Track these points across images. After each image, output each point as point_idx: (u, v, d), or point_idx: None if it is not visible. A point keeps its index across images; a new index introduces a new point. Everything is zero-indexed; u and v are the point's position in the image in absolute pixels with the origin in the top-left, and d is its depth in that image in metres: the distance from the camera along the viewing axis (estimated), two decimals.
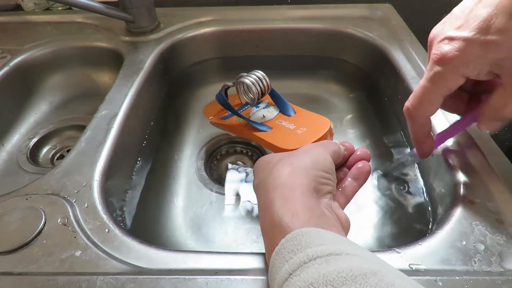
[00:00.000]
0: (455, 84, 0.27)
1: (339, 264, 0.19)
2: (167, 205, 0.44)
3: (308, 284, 0.18)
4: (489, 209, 0.29)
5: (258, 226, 0.42)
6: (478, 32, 0.25)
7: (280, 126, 0.42)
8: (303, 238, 0.21)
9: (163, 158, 0.49)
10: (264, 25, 0.58)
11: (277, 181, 0.25)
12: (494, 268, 0.25)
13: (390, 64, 0.50)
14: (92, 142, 0.37)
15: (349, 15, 0.59)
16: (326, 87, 0.61)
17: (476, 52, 0.25)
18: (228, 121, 0.46)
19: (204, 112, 0.50)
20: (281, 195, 0.24)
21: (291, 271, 0.20)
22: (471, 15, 0.26)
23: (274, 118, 0.44)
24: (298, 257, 0.20)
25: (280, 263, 0.21)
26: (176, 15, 0.59)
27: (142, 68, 0.48)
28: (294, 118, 0.43)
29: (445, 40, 0.27)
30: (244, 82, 0.40)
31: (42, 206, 0.30)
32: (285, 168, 0.26)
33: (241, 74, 0.43)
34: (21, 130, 0.53)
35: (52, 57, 0.55)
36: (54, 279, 0.25)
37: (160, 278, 0.25)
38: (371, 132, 0.53)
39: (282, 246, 0.21)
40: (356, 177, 0.30)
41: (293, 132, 0.40)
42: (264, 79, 0.41)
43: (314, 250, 0.20)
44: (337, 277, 0.18)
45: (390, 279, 0.18)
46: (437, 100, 0.28)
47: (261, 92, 0.41)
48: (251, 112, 0.46)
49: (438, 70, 0.27)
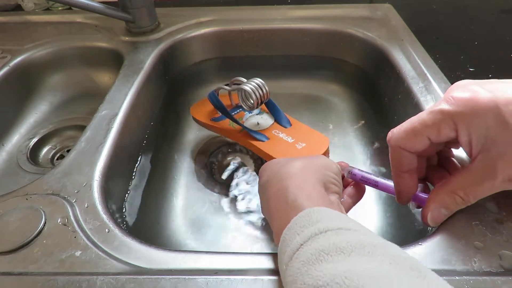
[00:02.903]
0: (446, 134, 0.25)
1: (348, 236, 0.20)
2: (167, 205, 0.44)
3: (319, 251, 0.19)
4: (489, 209, 0.29)
5: (258, 226, 0.42)
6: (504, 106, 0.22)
7: (278, 138, 0.42)
8: (314, 215, 0.22)
9: (163, 158, 0.49)
10: (264, 25, 0.58)
11: (291, 172, 0.27)
12: (494, 268, 0.25)
13: (390, 64, 0.50)
14: (92, 142, 0.37)
15: (349, 15, 0.59)
16: (326, 87, 0.61)
17: (489, 120, 0.23)
18: (220, 123, 0.45)
19: (192, 111, 0.48)
20: (295, 182, 0.26)
21: (302, 242, 0.21)
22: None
23: (269, 128, 0.44)
24: (309, 230, 0.21)
25: (292, 237, 0.22)
26: (176, 15, 0.60)
27: (142, 68, 0.48)
28: (291, 130, 0.43)
29: (473, 86, 0.25)
30: (244, 89, 0.40)
31: (42, 206, 0.30)
32: (298, 163, 0.28)
33: (236, 78, 0.43)
34: (21, 130, 0.53)
35: (52, 57, 0.55)
36: (54, 279, 0.25)
37: (160, 278, 0.25)
38: (370, 133, 0.53)
39: (294, 222, 0.22)
40: (351, 195, 0.31)
41: (292, 146, 0.40)
42: (263, 87, 0.41)
43: (325, 224, 0.21)
44: (347, 245, 0.19)
45: (397, 252, 0.19)
46: (421, 137, 0.26)
47: (261, 100, 0.41)
48: (244, 117, 0.46)
49: (444, 109, 0.24)
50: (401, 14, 0.59)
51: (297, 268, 0.20)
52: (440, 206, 0.26)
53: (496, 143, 0.23)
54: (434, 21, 0.60)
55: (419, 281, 0.17)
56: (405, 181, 0.28)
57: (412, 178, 0.28)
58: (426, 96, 0.42)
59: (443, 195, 0.26)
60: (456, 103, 0.24)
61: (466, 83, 0.26)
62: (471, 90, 0.24)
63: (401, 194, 0.29)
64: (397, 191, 0.29)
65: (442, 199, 0.26)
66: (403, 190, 0.29)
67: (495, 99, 0.23)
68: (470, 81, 0.26)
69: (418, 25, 0.56)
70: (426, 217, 0.27)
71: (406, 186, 0.28)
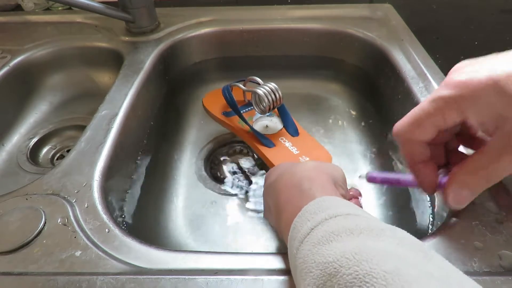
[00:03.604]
0: (453, 120, 0.24)
1: (357, 220, 0.21)
2: (167, 205, 0.44)
3: (329, 233, 0.20)
4: (489, 209, 0.29)
5: (258, 227, 0.42)
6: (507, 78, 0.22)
7: (283, 147, 0.43)
8: (325, 203, 0.23)
9: (163, 158, 0.49)
10: (264, 25, 0.58)
11: (304, 168, 0.28)
12: (494, 268, 0.25)
13: (390, 64, 0.50)
14: (92, 142, 0.37)
15: (349, 15, 0.59)
16: (326, 87, 0.61)
17: (492, 98, 0.22)
18: (230, 119, 0.46)
19: (204, 102, 0.49)
20: (309, 175, 0.27)
21: (313, 226, 0.21)
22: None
23: (277, 134, 0.44)
24: (320, 216, 0.22)
25: (302, 223, 0.22)
26: (176, 15, 0.59)
27: (142, 68, 0.48)
28: (298, 141, 0.44)
29: (469, 67, 0.24)
30: (258, 93, 0.41)
31: (42, 206, 0.30)
32: (309, 163, 0.29)
33: (252, 77, 0.43)
34: (21, 130, 0.53)
35: (52, 57, 0.55)
36: (54, 279, 0.25)
37: (160, 278, 0.25)
38: (371, 132, 0.53)
39: (305, 210, 0.23)
40: None
41: (295, 158, 0.41)
42: (277, 92, 0.41)
43: (335, 210, 0.22)
44: (356, 227, 0.20)
45: (405, 235, 0.20)
46: (426, 126, 0.25)
47: (273, 105, 0.41)
48: (254, 117, 0.46)
49: (445, 95, 0.24)
50: (401, 14, 0.59)
51: (308, 250, 0.20)
52: (460, 187, 0.25)
53: (507, 119, 0.22)
54: (434, 21, 0.60)
55: (426, 261, 0.18)
56: (422, 172, 0.27)
57: (428, 167, 0.27)
58: (426, 96, 0.42)
59: (462, 175, 0.25)
60: (455, 87, 0.23)
61: (462, 65, 0.25)
62: (467, 71, 0.24)
63: (423, 185, 0.28)
64: (418, 182, 0.28)
65: (461, 180, 0.25)
66: (423, 181, 0.28)
67: (493, 77, 0.22)
68: (466, 62, 0.25)
69: (418, 25, 0.56)
70: (447, 198, 0.26)
71: (425, 176, 0.27)
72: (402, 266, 0.16)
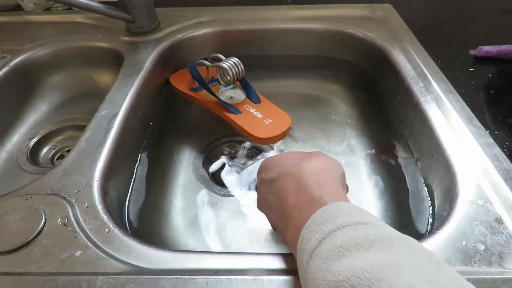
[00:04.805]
0: None
1: (367, 230, 0.20)
2: (166, 205, 0.44)
3: (337, 246, 0.19)
4: (489, 209, 0.29)
5: (258, 226, 0.42)
6: None
7: (248, 112, 0.47)
8: (332, 211, 0.22)
9: (162, 158, 0.49)
10: (264, 25, 0.58)
11: (311, 172, 0.27)
12: (494, 268, 0.25)
13: (390, 64, 0.50)
14: (92, 142, 0.37)
15: (349, 15, 0.59)
16: (326, 87, 0.61)
17: None
18: (197, 94, 0.50)
19: (172, 80, 0.53)
20: (316, 180, 0.26)
21: (321, 238, 0.21)
22: None
23: (242, 103, 0.49)
24: (327, 227, 0.21)
25: (310, 235, 0.22)
26: (176, 15, 0.59)
27: (142, 68, 0.48)
28: (260, 107, 0.48)
29: None
30: (222, 66, 0.45)
31: (42, 206, 0.30)
32: (314, 164, 0.28)
33: (215, 54, 0.48)
34: (21, 130, 0.53)
35: (52, 57, 0.55)
36: (54, 279, 0.25)
37: (160, 278, 0.25)
38: (371, 132, 0.53)
39: (312, 220, 0.23)
40: None
41: (260, 121, 0.46)
42: (239, 65, 0.45)
43: (343, 220, 0.21)
44: (365, 239, 0.19)
45: (415, 244, 0.20)
46: None
47: (236, 77, 0.46)
48: (220, 90, 0.51)
49: None
50: (401, 14, 0.59)
51: (317, 265, 0.20)
52: None
53: None
54: (434, 21, 0.60)
55: (438, 272, 0.18)
56: None
57: None
58: (426, 96, 0.42)
59: None
60: None
61: None
62: None
63: None
64: None
65: None
66: None
67: None
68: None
69: (418, 25, 0.56)
70: None
71: None
72: (414, 281, 0.16)
